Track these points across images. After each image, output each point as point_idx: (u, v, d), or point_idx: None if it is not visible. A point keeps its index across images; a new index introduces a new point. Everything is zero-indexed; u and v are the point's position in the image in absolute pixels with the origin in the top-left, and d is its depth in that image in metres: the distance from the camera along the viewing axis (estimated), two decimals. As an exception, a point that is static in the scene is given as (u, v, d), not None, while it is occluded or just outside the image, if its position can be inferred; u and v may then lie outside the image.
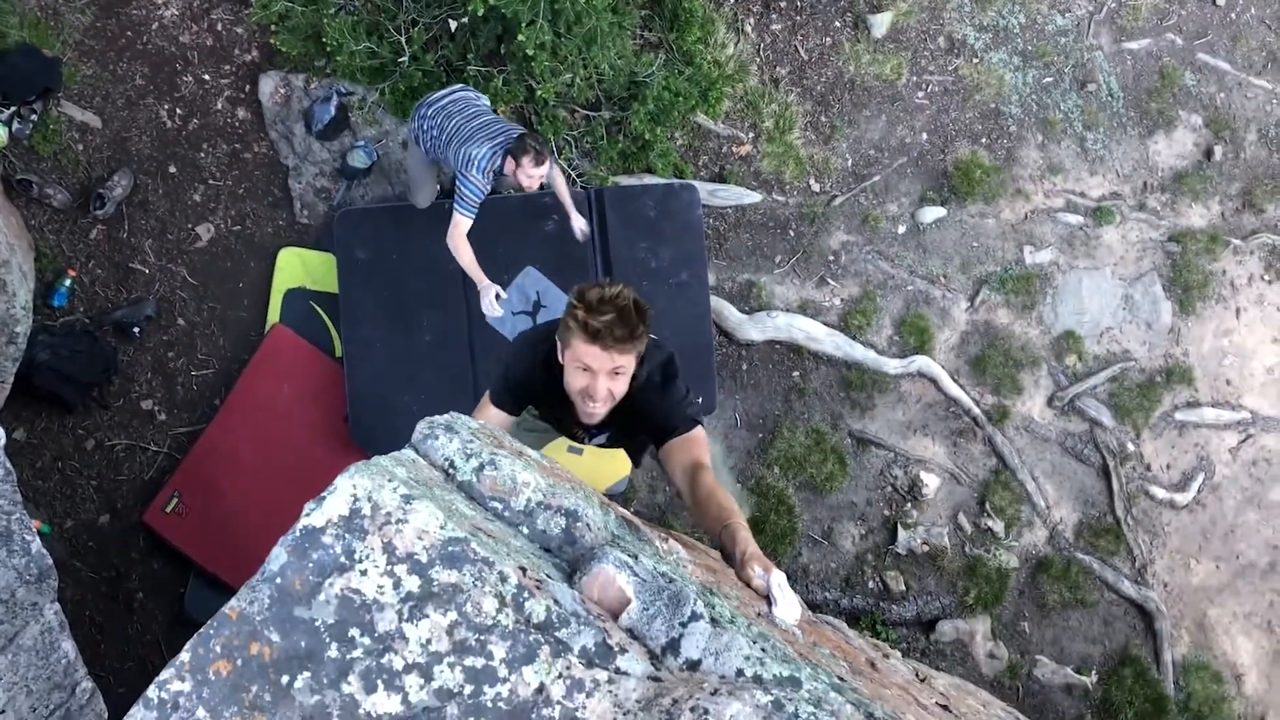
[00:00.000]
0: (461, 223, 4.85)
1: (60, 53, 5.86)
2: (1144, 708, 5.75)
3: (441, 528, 1.79)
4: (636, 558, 1.95)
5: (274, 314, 5.88)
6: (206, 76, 6.00)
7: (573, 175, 5.84)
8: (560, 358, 3.01)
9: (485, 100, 5.11)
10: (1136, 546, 5.94)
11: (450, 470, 2.09)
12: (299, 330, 5.83)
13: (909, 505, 5.94)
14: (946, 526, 5.94)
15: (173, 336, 5.92)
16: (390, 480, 1.83)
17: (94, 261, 5.89)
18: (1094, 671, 5.85)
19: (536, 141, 4.69)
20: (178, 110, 5.99)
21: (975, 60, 6.31)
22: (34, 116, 5.76)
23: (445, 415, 2.18)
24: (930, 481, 5.93)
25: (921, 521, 5.93)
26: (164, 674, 1.72)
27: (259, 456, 5.72)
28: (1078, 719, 5.82)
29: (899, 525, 5.89)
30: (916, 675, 3.41)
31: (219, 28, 6.04)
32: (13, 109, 5.69)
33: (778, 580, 2.31)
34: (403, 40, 5.48)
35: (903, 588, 5.88)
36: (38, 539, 3.85)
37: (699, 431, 3.06)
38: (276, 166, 6.01)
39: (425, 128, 4.99)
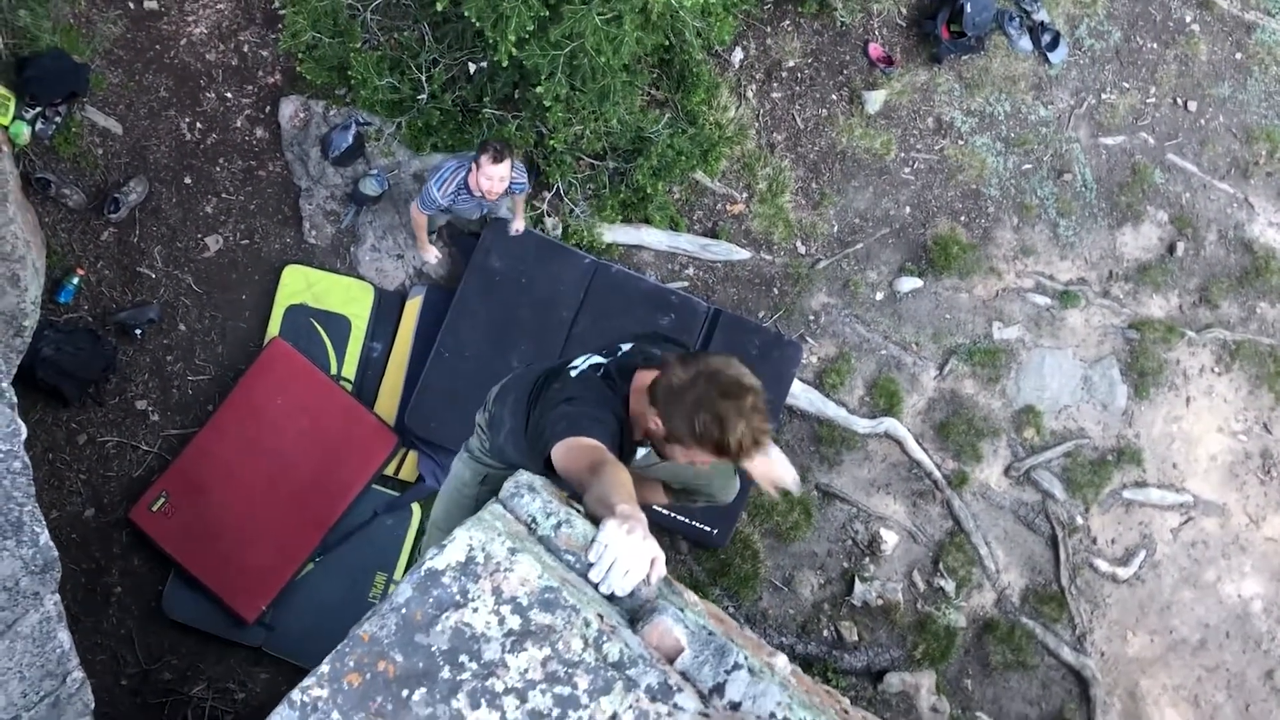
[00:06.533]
0: (419, 213, 5.55)
1: (89, 59, 6.06)
2: (1074, 770, 6.05)
3: (540, 577, 2.11)
4: (684, 611, 2.23)
5: (274, 328, 6.06)
6: (229, 94, 6.23)
7: (578, 212, 6.10)
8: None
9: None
10: (1078, 615, 6.24)
11: (533, 525, 2.39)
12: (297, 346, 6.01)
13: (867, 559, 6.22)
14: (901, 582, 6.22)
15: (173, 341, 6.10)
16: (499, 535, 2.14)
17: (103, 262, 6.06)
18: (1030, 732, 6.15)
19: (495, 142, 5.10)
20: (198, 124, 6.20)
21: (960, 142, 6.67)
22: (58, 118, 5.94)
23: (525, 475, 2.48)
24: (889, 538, 6.22)
25: (878, 576, 6.21)
26: (306, 681, 2.01)
27: (247, 465, 5.88)
28: (1011, 776, 6.10)
29: (856, 578, 6.17)
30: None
31: (245, 49, 6.27)
32: (38, 109, 5.87)
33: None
34: (423, 79, 5.73)
35: (855, 638, 6.15)
36: (46, 531, 4.01)
37: None
38: (289, 186, 6.23)
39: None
